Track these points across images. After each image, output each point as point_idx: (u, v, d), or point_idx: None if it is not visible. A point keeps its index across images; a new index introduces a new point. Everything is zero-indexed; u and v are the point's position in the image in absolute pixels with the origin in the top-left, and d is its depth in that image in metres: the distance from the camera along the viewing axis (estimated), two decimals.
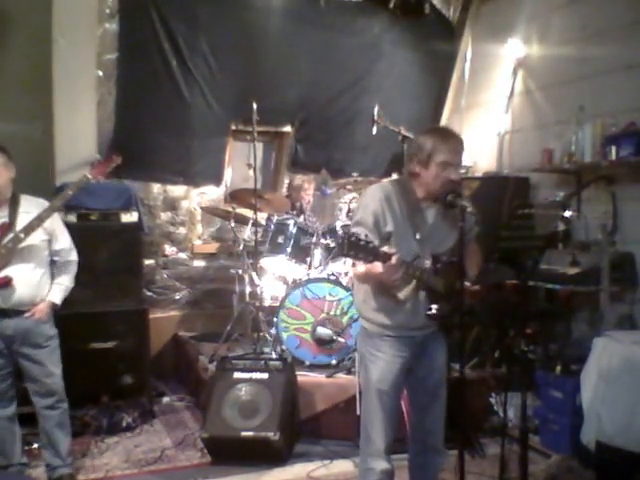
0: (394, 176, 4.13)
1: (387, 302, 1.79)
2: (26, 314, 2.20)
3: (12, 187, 2.23)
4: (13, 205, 2.22)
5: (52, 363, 2.27)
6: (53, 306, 2.29)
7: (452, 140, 1.76)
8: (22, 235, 2.15)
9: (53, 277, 2.31)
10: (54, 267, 2.32)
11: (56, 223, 2.31)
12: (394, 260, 1.56)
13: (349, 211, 3.46)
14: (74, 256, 2.37)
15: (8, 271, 2.14)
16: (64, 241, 2.34)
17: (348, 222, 3.34)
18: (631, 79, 2.86)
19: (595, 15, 3.10)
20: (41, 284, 2.25)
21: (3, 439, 2.28)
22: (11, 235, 2.15)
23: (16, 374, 2.29)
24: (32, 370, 2.24)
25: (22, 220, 2.20)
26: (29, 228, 2.16)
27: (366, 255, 1.54)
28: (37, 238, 2.21)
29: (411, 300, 1.77)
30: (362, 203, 1.82)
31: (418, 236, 1.75)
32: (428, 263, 1.75)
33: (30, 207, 2.24)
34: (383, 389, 1.80)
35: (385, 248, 1.57)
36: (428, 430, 1.90)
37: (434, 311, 1.75)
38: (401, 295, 1.77)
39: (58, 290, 2.30)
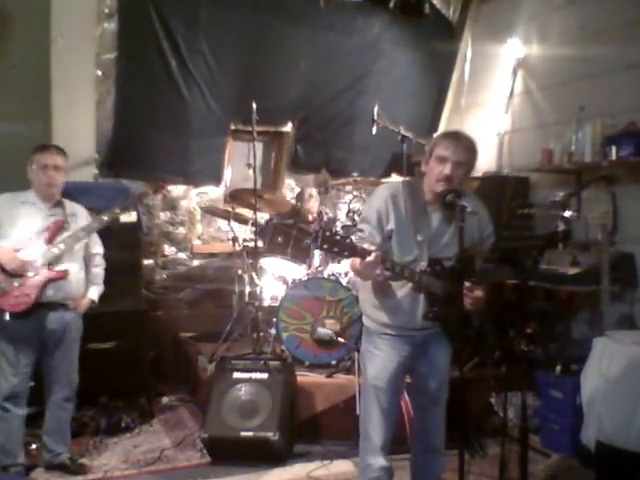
0: (394, 176, 4.13)
1: (386, 301, 1.80)
2: (71, 305, 2.33)
3: None
4: (62, 206, 2.36)
5: (76, 358, 2.41)
6: (92, 303, 2.45)
7: (453, 137, 1.78)
8: (82, 234, 2.30)
9: (89, 279, 2.45)
10: (88, 270, 2.44)
11: None
12: (372, 257, 1.57)
13: (349, 211, 3.45)
14: (105, 263, 2.53)
15: (62, 267, 2.26)
16: (100, 248, 2.50)
17: (348, 222, 3.34)
18: (631, 79, 2.86)
19: (595, 15, 3.10)
20: (85, 281, 2.41)
21: (12, 438, 2.29)
22: (69, 233, 2.29)
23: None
24: (62, 362, 2.34)
25: (71, 220, 2.34)
26: (90, 229, 2.33)
27: (340, 249, 1.57)
28: (86, 238, 2.36)
29: (409, 301, 1.77)
30: (369, 201, 1.87)
31: (419, 238, 1.76)
32: (424, 265, 1.74)
33: (74, 209, 2.41)
34: (378, 386, 1.81)
35: (365, 245, 1.59)
36: (429, 431, 1.91)
37: (430, 314, 1.75)
38: (396, 297, 1.77)
39: (96, 289, 2.47)
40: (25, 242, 2.22)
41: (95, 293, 2.46)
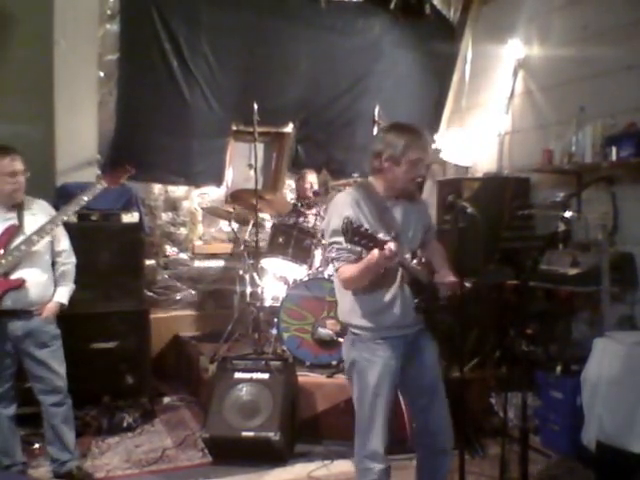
0: None
1: (374, 305, 1.79)
2: (36, 312, 2.25)
3: None
4: (19, 207, 2.26)
5: (57, 362, 2.31)
6: (61, 307, 2.33)
7: (422, 138, 1.82)
8: (35, 238, 2.19)
9: (55, 278, 2.35)
10: (56, 269, 2.35)
11: (59, 226, 2.34)
12: (393, 246, 1.58)
13: None
14: (74, 258, 2.42)
15: (20, 273, 2.19)
16: (65, 243, 2.38)
17: None
18: (631, 79, 2.86)
19: (595, 15, 3.10)
20: (47, 285, 2.30)
21: (7, 439, 2.30)
22: (23, 237, 2.19)
23: (17, 375, 2.31)
24: (38, 369, 2.28)
25: (28, 222, 2.24)
26: (42, 231, 2.20)
27: (368, 241, 1.56)
28: (43, 240, 2.24)
29: (399, 297, 1.79)
30: (335, 212, 1.79)
31: (393, 234, 1.75)
32: (408, 257, 1.77)
33: (34, 209, 2.29)
34: (382, 393, 1.79)
35: (380, 235, 1.60)
36: (434, 432, 1.88)
37: (421, 303, 1.76)
38: (386, 297, 1.78)
39: (64, 291, 2.35)
40: None
41: (64, 295, 2.33)
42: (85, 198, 2.29)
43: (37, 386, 2.30)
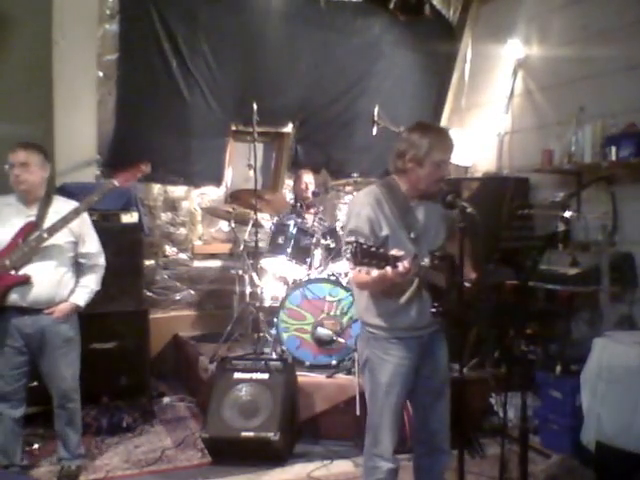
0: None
1: (389, 306, 1.78)
2: (45, 311, 2.22)
3: (45, 187, 2.28)
4: (45, 205, 2.26)
5: (65, 365, 2.30)
6: (76, 308, 2.31)
7: (447, 139, 1.79)
8: (46, 235, 2.18)
9: (78, 279, 2.34)
10: (80, 270, 2.35)
11: (85, 227, 2.35)
12: (407, 264, 1.55)
13: None
14: (102, 261, 2.40)
15: (29, 269, 2.17)
16: (92, 245, 2.37)
17: None
18: (631, 79, 2.86)
19: (595, 15, 3.11)
20: (62, 284, 2.27)
21: (8, 440, 2.29)
22: (36, 234, 2.19)
23: (31, 375, 2.30)
24: (44, 369, 2.28)
25: (51, 220, 2.23)
26: (53, 229, 2.20)
27: (379, 260, 1.52)
28: (62, 239, 2.24)
29: (416, 300, 1.77)
30: (353, 211, 1.79)
31: (412, 235, 1.75)
32: (427, 261, 1.73)
33: (61, 208, 2.28)
34: (393, 392, 1.79)
35: (394, 251, 1.57)
36: (433, 430, 1.88)
37: (438, 308, 1.74)
38: (402, 300, 1.76)
39: (82, 292, 2.33)
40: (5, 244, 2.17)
41: (81, 297, 2.30)
42: (95, 198, 2.30)
43: (48, 386, 2.31)
